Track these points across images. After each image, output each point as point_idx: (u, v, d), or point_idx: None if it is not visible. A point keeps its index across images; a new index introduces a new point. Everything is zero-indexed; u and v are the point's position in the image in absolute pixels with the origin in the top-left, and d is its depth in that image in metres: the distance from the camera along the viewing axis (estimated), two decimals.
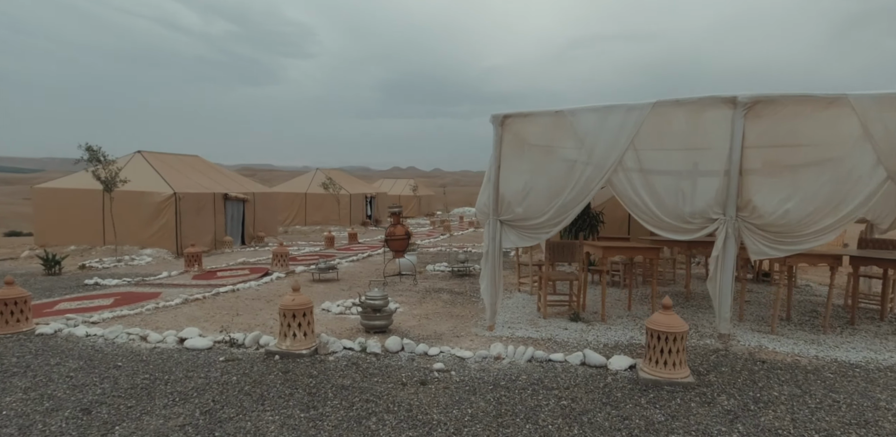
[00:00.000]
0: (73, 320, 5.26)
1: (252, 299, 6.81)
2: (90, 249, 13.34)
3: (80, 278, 9.15)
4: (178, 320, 5.59)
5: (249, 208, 16.59)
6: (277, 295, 7.11)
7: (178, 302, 6.53)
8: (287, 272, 9.15)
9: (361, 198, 25.43)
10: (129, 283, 8.31)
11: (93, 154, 11.03)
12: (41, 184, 14.37)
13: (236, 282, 8.20)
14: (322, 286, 7.85)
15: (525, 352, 4.16)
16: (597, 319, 5.53)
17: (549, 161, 4.72)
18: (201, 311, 6.10)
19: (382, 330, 4.92)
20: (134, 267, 10.79)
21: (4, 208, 64.82)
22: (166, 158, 15.85)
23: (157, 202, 13.19)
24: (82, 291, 7.70)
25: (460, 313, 5.91)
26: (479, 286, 7.78)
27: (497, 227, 4.91)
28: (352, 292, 7.31)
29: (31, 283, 8.68)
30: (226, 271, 9.69)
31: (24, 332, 4.86)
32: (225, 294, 7.25)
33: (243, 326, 5.30)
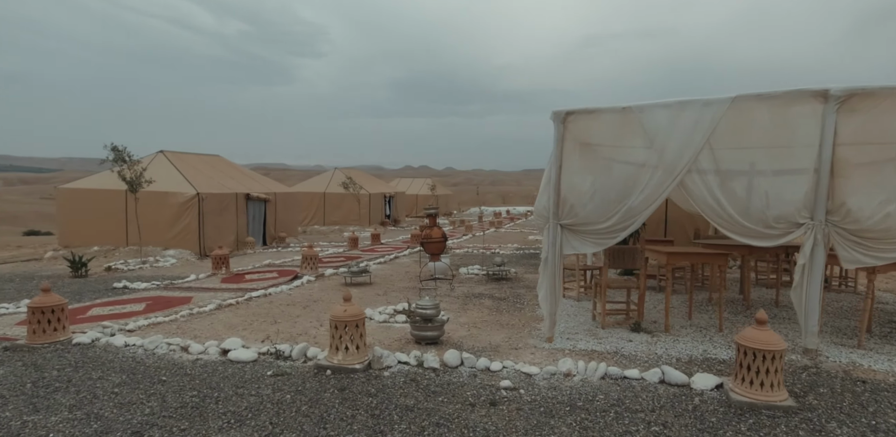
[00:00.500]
0: (110, 328, 5.04)
1: (287, 305, 6.56)
2: (113, 250, 13.26)
3: (107, 280, 9.00)
4: (215, 328, 5.35)
5: (271, 208, 16.43)
6: (312, 300, 6.86)
7: (211, 308, 6.30)
8: (317, 275, 8.91)
9: (380, 197, 25.22)
10: (158, 286, 8.13)
11: (118, 154, 10.89)
12: (65, 184, 14.34)
13: (267, 286, 7.97)
14: (355, 291, 7.59)
15: (597, 368, 3.83)
16: (659, 329, 5.17)
17: (614, 161, 4.39)
18: (237, 318, 5.87)
19: (434, 341, 4.63)
20: (159, 269, 10.64)
21: (24, 208, 65.92)
22: (188, 158, 15.74)
23: (179, 203, 13.07)
24: (112, 295, 7.53)
25: (510, 322, 5.59)
26: (520, 292, 7.48)
27: (558, 231, 4.58)
28: (389, 298, 7.04)
29: (59, 286, 8.54)
30: (253, 273, 9.48)
31: (62, 341, 4.65)
32: (258, 299, 7.02)
33: (285, 335, 5.04)
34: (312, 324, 5.51)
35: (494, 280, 8.52)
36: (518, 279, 8.63)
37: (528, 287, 7.89)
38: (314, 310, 6.23)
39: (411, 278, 8.83)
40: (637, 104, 4.28)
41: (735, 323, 5.48)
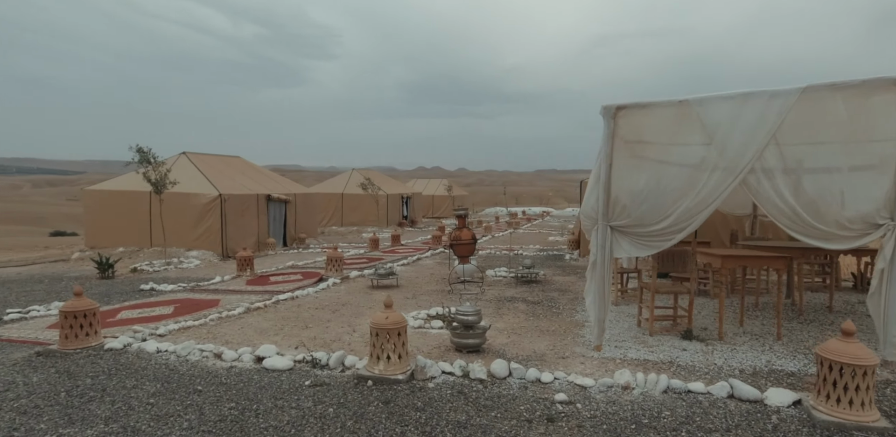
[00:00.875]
0: (141, 333, 4.91)
1: (316, 309, 6.39)
2: (138, 251, 13.30)
3: (134, 282, 8.96)
4: (245, 333, 5.19)
5: (291, 209, 16.37)
6: (341, 304, 6.68)
7: (240, 311, 6.16)
8: (342, 277, 8.74)
9: (398, 198, 25.08)
10: (185, 288, 8.04)
11: (143, 156, 10.88)
12: (91, 186, 14.45)
13: (293, 288, 7.83)
14: (383, 294, 7.38)
15: (658, 381, 3.56)
16: (711, 337, 4.87)
17: (670, 159, 4.11)
18: (266, 322, 5.71)
19: (476, 349, 4.40)
20: (184, 270, 10.60)
21: (50, 209, 67.46)
22: (209, 160, 15.76)
23: (202, 204, 13.05)
24: (140, 297, 7.45)
25: (550, 328, 5.33)
26: (552, 295, 7.21)
27: (607, 233, 4.32)
28: (419, 301, 6.83)
29: (87, 287, 8.51)
30: (278, 275, 9.36)
31: (94, 347, 4.53)
32: (285, 302, 6.86)
33: (318, 341, 4.86)
34: (345, 329, 5.32)
35: (524, 283, 8.25)
36: (548, 282, 8.35)
37: (559, 290, 7.61)
38: (344, 314, 6.04)
39: (438, 281, 8.61)
40: (695, 97, 4.00)
41: (790, 330, 5.15)
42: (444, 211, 33.04)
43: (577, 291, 7.57)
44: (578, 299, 6.90)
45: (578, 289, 7.72)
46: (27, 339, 4.92)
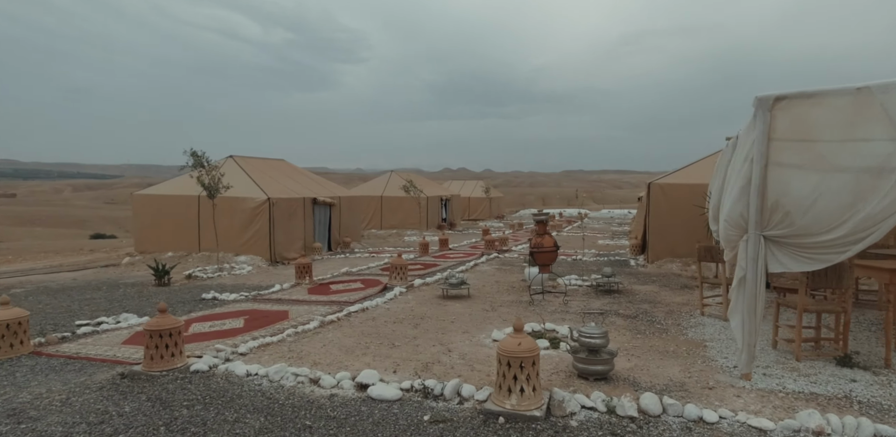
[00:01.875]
0: (224, 352, 4.54)
1: (394, 323, 5.93)
2: (186, 255, 13.20)
3: (192, 290, 8.72)
4: (330, 352, 4.76)
5: (335, 213, 16.11)
6: (418, 317, 6.21)
7: (314, 325, 5.75)
8: (407, 286, 8.29)
9: (437, 201, 24.67)
10: (247, 298, 7.73)
11: (197, 160, 10.71)
12: (139, 191, 14.46)
13: (359, 298, 7.42)
14: (458, 306, 6.90)
15: (858, 425, 2.94)
16: (873, 363, 4.19)
17: (844, 157, 3.47)
18: (347, 338, 5.27)
19: (603, 376, 3.84)
20: (238, 277, 10.36)
21: (91, 212, 69.82)
22: (255, 163, 15.63)
23: (250, 208, 12.85)
24: (204, 307, 7.16)
25: (667, 349, 4.73)
26: (644, 307, 6.58)
27: (760, 244, 3.71)
28: (500, 314, 6.30)
29: (145, 296, 8.30)
30: (337, 283, 8.98)
31: (179, 368, 4.17)
32: (358, 315, 6.44)
33: (414, 364, 4.38)
34: (437, 348, 4.83)
35: (604, 293, 7.64)
36: (630, 292, 7.71)
37: (648, 302, 6.98)
38: (428, 330, 5.56)
39: (509, 290, 8.07)
40: (878, 83, 3.36)
41: None
42: (480, 213, 32.47)
43: (669, 302, 6.91)
44: (675, 313, 6.26)
45: (668, 300, 7.07)
46: (106, 357, 4.60)
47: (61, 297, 8.52)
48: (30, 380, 4.04)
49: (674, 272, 9.85)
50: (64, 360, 4.56)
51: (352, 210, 17.43)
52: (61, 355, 4.67)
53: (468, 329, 5.53)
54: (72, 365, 4.41)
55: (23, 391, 3.79)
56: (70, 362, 4.51)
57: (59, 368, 4.35)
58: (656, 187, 10.49)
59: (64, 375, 4.17)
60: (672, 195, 10.40)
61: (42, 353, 4.73)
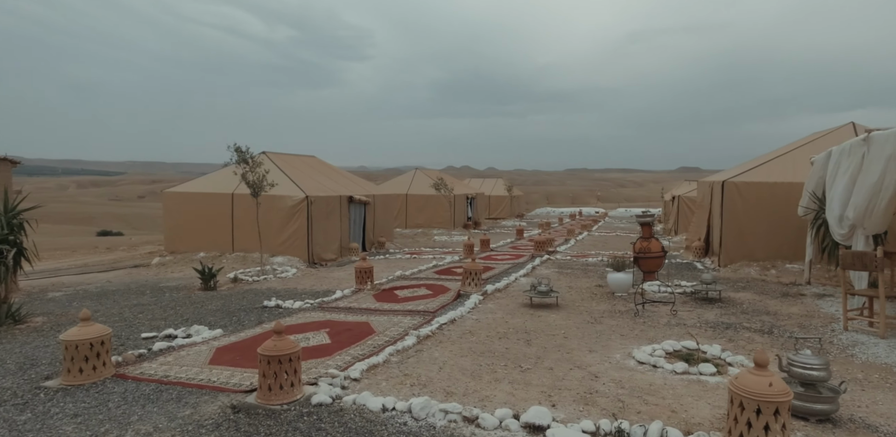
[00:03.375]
0: (338, 378, 3.91)
1: (498, 338, 5.31)
2: (220, 256, 12.59)
3: (245, 296, 8.11)
4: (453, 377, 4.14)
5: (370, 212, 15.49)
6: (523, 331, 5.57)
7: (412, 342, 5.12)
8: (482, 293, 7.66)
9: (463, 199, 24.03)
10: (314, 306, 7.11)
11: (241, 156, 10.08)
12: (170, 188, 13.84)
13: (437, 308, 6.80)
14: (555, 316, 6.27)
15: None
16: None
17: None
18: (460, 357, 4.64)
19: (826, 417, 3.21)
20: (285, 281, 9.75)
21: (97, 209, 69.40)
22: (289, 159, 15.00)
23: (287, 207, 12.24)
24: (269, 316, 6.55)
25: (854, 376, 4.09)
26: (767, 320, 5.91)
27: None
28: (608, 327, 5.65)
29: (196, 302, 7.68)
30: (401, 289, 8.35)
31: (299, 400, 3.54)
32: (450, 328, 5.81)
33: (568, 393, 3.74)
34: (577, 373, 4.19)
35: (705, 302, 7.00)
36: (732, 301, 7.06)
37: (762, 312, 6.34)
38: (546, 347, 4.93)
39: (593, 297, 7.43)
40: None
41: None
42: (500, 212, 31.82)
43: (786, 314, 6.26)
44: (810, 327, 5.63)
45: (783, 311, 6.41)
46: (202, 382, 3.99)
47: (107, 302, 7.92)
48: (128, 413, 3.43)
49: (753, 277, 9.19)
50: (155, 385, 3.94)
51: (386, 209, 16.81)
52: (149, 380, 4.05)
53: (593, 347, 4.90)
54: (166, 393, 3.80)
55: (127, 431, 3.18)
56: (162, 388, 3.89)
57: (153, 396, 3.73)
58: (731, 186, 9.83)
59: (163, 406, 3.56)
60: (749, 195, 9.74)
61: (126, 376, 4.12)
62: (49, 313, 7.03)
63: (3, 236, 5.70)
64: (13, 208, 6.04)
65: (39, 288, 9.27)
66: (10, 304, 6.17)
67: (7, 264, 5.74)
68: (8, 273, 5.82)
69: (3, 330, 5.92)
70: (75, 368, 3.87)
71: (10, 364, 4.53)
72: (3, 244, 5.67)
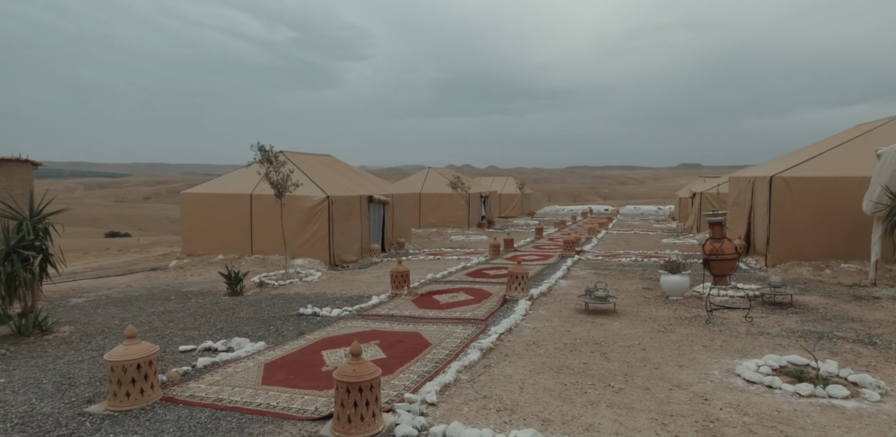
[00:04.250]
0: (415, 403, 3.48)
1: (569, 351, 4.86)
2: (238, 258, 12.19)
3: (276, 302, 7.69)
4: (541, 399, 3.69)
5: (389, 211, 15.06)
6: (591, 342, 5.13)
7: (477, 356, 4.67)
8: (529, 298, 7.22)
9: (477, 198, 23.58)
10: (353, 314, 6.69)
11: (265, 155, 9.65)
12: (188, 189, 13.42)
13: (486, 315, 6.37)
14: (619, 324, 5.82)
15: None
16: None
17: None
18: (537, 374, 4.20)
19: None
20: (312, 285, 9.33)
21: (103, 210, 69.20)
22: (306, 159, 14.56)
23: (308, 207, 11.82)
24: (309, 325, 6.12)
25: None
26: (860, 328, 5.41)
27: None
28: (685, 337, 5.20)
29: (225, 308, 7.26)
30: (439, 294, 7.91)
31: (380, 433, 3.10)
32: (509, 338, 5.37)
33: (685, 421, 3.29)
34: (680, 394, 3.73)
35: (774, 306, 6.53)
36: (803, 306, 6.58)
37: (844, 319, 5.87)
38: (628, 362, 4.48)
39: (648, 302, 6.99)
40: None
41: None
42: (511, 210, 31.37)
43: (873, 320, 5.78)
44: None
45: (866, 317, 5.93)
46: (262, 408, 3.55)
47: (132, 309, 7.51)
48: None
49: (807, 278, 8.73)
50: (210, 411, 3.51)
51: (404, 209, 16.38)
52: (202, 404, 3.62)
53: (680, 361, 4.46)
54: (224, 421, 3.37)
55: None
56: (219, 414, 3.47)
57: (210, 425, 3.31)
58: (780, 182, 9.36)
59: None
60: (799, 190, 9.26)
61: (176, 399, 3.69)
62: (75, 321, 6.62)
63: (30, 242, 5.27)
64: (39, 212, 5.62)
65: (60, 294, 8.87)
66: (36, 313, 5.77)
67: (33, 271, 5.32)
68: (34, 281, 5.40)
69: (31, 341, 5.51)
70: (122, 392, 3.45)
71: (47, 384, 4.11)
72: (30, 251, 5.25)
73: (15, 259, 5.10)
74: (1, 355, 5.04)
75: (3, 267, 5.01)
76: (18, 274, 5.15)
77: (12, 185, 6.86)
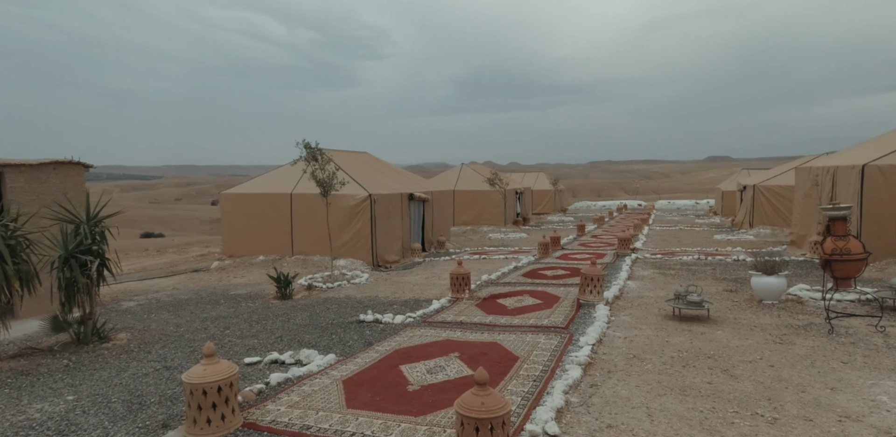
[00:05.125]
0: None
1: (681, 366, 4.28)
2: (279, 259, 11.89)
3: (329, 306, 7.29)
4: (677, 430, 3.13)
5: (428, 209, 14.59)
6: (702, 355, 4.52)
7: (578, 374, 4.11)
8: (606, 303, 6.63)
9: (512, 194, 22.95)
10: (417, 321, 6.22)
11: (310, 152, 9.27)
12: (228, 190, 13.20)
13: (564, 323, 5.81)
14: (722, 333, 5.19)
15: None
16: None
17: None
18: (662, 397, 3.63)
19: None
20: (361, 288, 8.92)
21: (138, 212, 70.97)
22: (344, 156, 14.16)
23: (349, 206, 11.42)
24: (373, 334, 5.68)
25: None
26: None
27: None
28: (810, 351, 4.54)
29: (278, 313, 6.89)
30: (503, 297, 7.38)
31: None
32: (604, 350, 4.80)
33: None
34: (864, 431, 3.09)
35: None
36: None
37: None
38: (761, 382, 3.85)
39: (739, 307, 6.31)
40: None
41: None
42: (544, 206, 30.58)
43: None
44: None
45: None
46: None
47: (184, 314, 7.22)
48: None
49: None
50: None
51: (442, 206, 15.89)
52: (289, 433, 3.18)
53: (827, 382, 3.82)
54: None
55: None
56: None
57: None
58: (874, 171, 8.48)
59: None
60: None
61: (259, 426, 3.26)
62: (130, 327, 6.34)
63: (87, 246, 4.96)
64: (95, 215, 5.31)
65: (110, 297, 8.67)
66: (94, 320, 5.48)
67: (92, 276, 5.01)
68: (92, 286, 5.09)
69: (91, 350, 5.22)
70: (202, 418, 3.03)
71: (117, 403, 3.76)
72: (87, 255, 4.93)
73: (74, 264, 4.79)
74: (64, 366, 4.75)
75: (63, 273, 4.70)
76: (77, 280, 4.84)
77: (66, 188, 6.61)
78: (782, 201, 17.20)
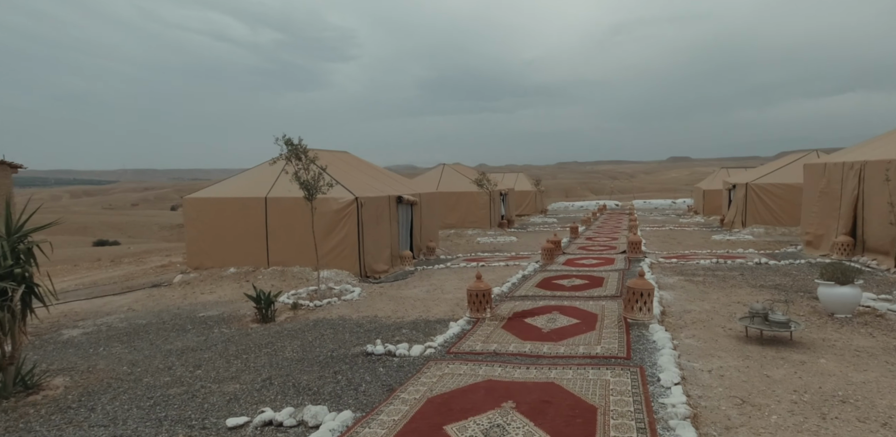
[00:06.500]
0: None
1: (817, 417, 3.28)
2: (253, 272, 10.45)
3: (324, 332, 6.02)
4: None
5: (417, 213, 13.39)
6: (834, 398, 3.55)
7: (691, 434, 3.09)
8: (657, 322, 5.63)
9: (497, 196, 21.98)
10: (439, 351, 5.03)
11: (292, 149, 7.94)
12: (192, 194, 11.59)
13: (626, 349, 4.77)
14: (824, 361, 4.25)
15: None
16: None
17: None
18: None
19: None
20: (355, 305, 7.67)
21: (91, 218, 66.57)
22: (324, 156, 12.76)
23: (334, 210, 10.11)
24: (386, 371, 4.48)
25: None
26: None
27: None
28: None
29: (265, 346, 5.54)
30: (532, 316, 6.27)
31: None
32: (698, 392, 3.77)
33: None
34: None
35: None
36: None
37: None
38: None
39: (819, 324, 5.43)
40: None
41: None
42: (525, 208, 29.80)
43: None
44: None
45: None
46: None
47: (141, 346, 5.82)
48: None
49: None
50: None
51: (431, 210, 14.70)
52: None
53: None
54: None
55: None
56: None
57: None
58: None
59: None
60: None
61: None
62: (70, 368, 4.91)
63: (7, 270, 3.58)
64: (19, 228, 3.91)
65: (49, 322, 7.12)
66: (18, 365, 4.07)
67: (14, 309, 3.63)
68: (15, 322, 3.71)
69: (12, 408, 3.83)
70: None
71: None
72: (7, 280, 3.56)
73: None
74: None
75: None
76: None
77: None
78: (776, 200, 16.85)
